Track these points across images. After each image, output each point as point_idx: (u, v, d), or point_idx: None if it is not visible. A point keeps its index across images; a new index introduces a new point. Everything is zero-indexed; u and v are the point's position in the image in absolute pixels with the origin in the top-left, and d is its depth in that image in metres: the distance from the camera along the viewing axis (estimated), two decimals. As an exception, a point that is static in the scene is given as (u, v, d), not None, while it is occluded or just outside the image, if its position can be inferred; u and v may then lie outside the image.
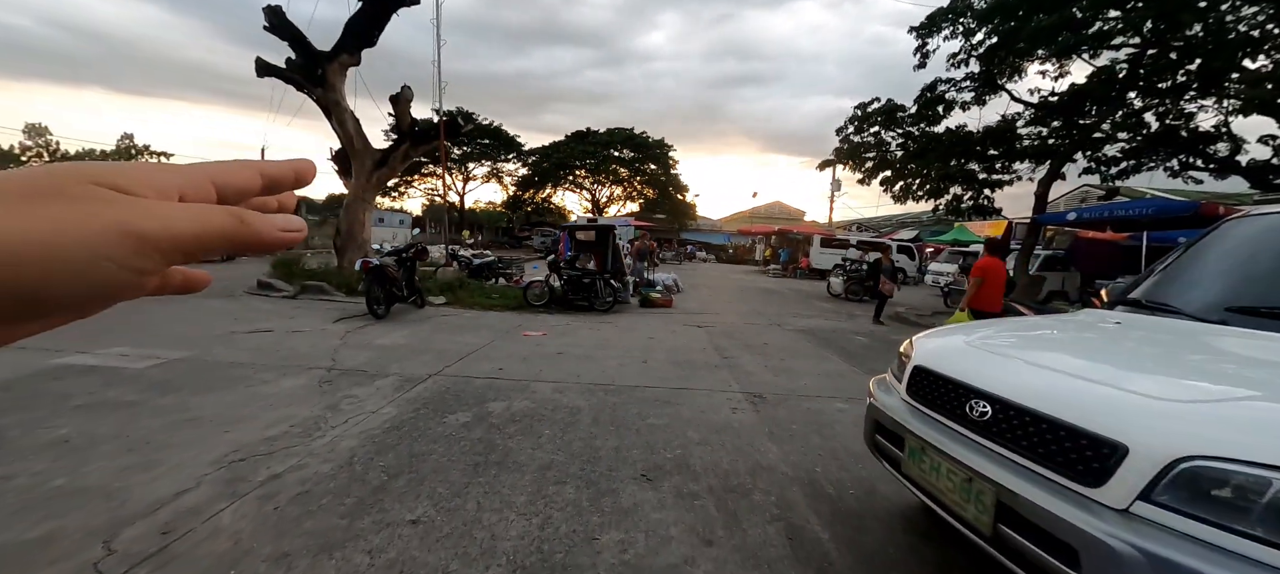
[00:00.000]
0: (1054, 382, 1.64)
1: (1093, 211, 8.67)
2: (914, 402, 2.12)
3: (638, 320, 9.09)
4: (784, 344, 7.39)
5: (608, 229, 10.45)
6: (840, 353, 6.96)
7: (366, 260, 7.71)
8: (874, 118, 14.72)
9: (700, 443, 3.52)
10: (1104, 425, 1.40)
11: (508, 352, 6.01)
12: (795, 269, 25.27)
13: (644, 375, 5.21)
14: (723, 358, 6.23)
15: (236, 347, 5.58)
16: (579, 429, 3.66)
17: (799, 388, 5.04)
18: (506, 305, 9.83)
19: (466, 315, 8.68)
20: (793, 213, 52.71)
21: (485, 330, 7.34)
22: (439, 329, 7.27)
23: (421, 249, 9.04)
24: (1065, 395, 1.55)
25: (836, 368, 6.06)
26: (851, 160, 15.10)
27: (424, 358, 5.49)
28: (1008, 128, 11.30)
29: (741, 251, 40.10)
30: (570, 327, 8.02)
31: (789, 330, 8.72)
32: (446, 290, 10.46)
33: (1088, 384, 1.57)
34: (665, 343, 7.01)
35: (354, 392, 4.25)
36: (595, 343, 6.80)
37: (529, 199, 47.45)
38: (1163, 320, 2.11)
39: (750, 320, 9.70)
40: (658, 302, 11.11)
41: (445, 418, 3.74)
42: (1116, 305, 2.55)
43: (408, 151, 11.21)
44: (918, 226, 39.47)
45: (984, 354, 2.02)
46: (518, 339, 6.84)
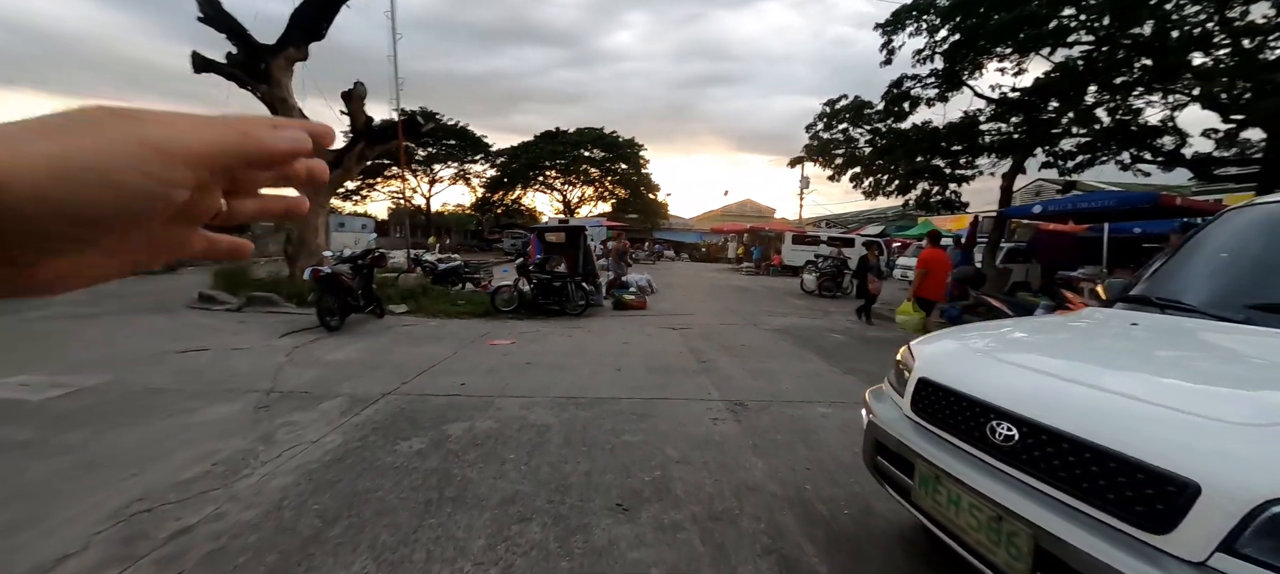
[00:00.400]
0: (1092, 401, 1.41)
1: (1057, 204, 8.85)
2: (921, 420, 1.88)
3: (611, 324, 8.78)
4: (761, 345, 7.20)
5: (578, 230, 10.08)
6: (818, 352, 6.81)
7: (317, 269, 7.15)
8: (842, 114, 14.80)
9: (680, 461, 3.24)
10: (1165, 457, 1.17)
11: (472, 363, 5.61)
12: (768, 266, 25.38)
13: (618, 385, 4.91)
14: (700, 362, 5.98)
15: (164, 369, 5.02)
16: (547, 451, 3.32)
17: (780, 392, 4.82)
18: (473, 312, 9.37)
19: (430, 324, 8.20)
20: (764, 210, 53.25)
21: (449, 340, 6.90)
22: (398, 340, 6.79)
23: (379, 255, 8.50)
24: (1110, 418, 1.33)
25: (816, 368, 5.89)
26: (821, 157, 15.15)
27: (379, 374, 5.04)
28: (971, 123, 11.48)
29: (714, 250, 40.22)
30: (541, 333, 7.64)
31: (765, 330, 8.56)
32: (408, 298, 9.91)
33: (1133, 403, 1.35)
34: (640, 348, 6.72)
35: (294, 418, 3.80)
36: (567, 350, 6.46)
37: (498, 201, 46.47)
38: (1183, 321, 1.93)
39: (726, 320, 9.51)
40: (632, 304, 10.81)
41: (397, 445, 3.35)
42: (1118, 303, 2.39)
43: (364, 152, 10.58)
44: (884, 222, 40.35)
45: (999, 365, 1.80)
46: (484, 349, 6.44)
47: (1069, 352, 1.87)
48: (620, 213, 44.42)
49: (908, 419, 1.96)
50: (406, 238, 11.06)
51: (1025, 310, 7.61)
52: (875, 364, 6.17)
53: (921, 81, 12.63)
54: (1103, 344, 1.88)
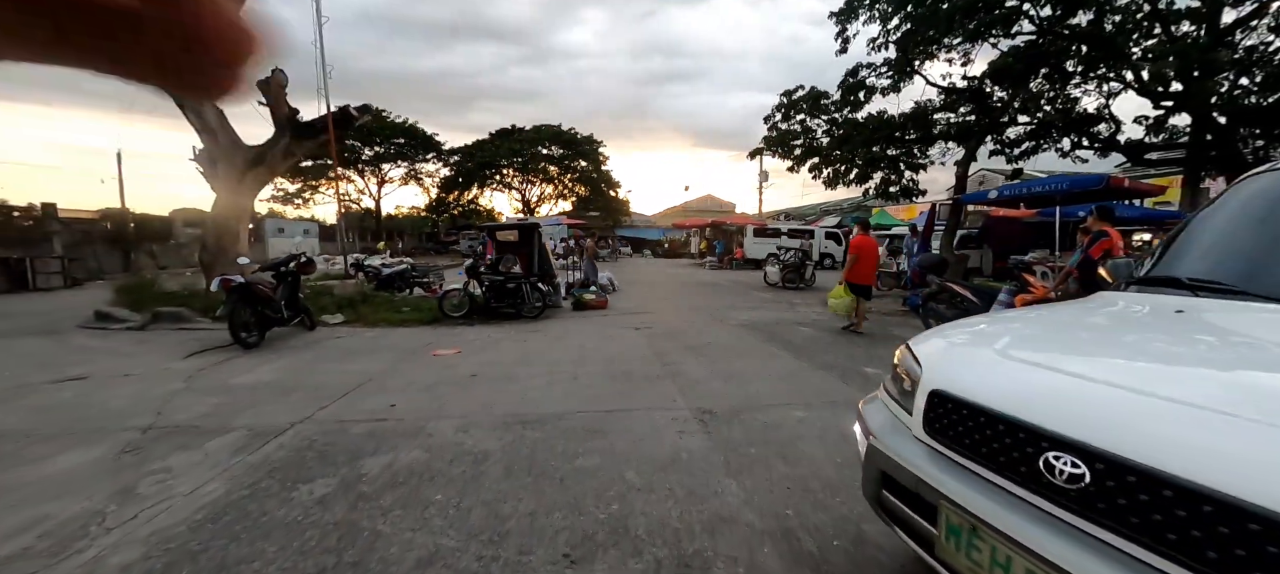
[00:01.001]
0: (1189, 424, 1.02)
1: (1011, 189, 8.95)
2: (941, 446, 1.47)
3: (570, 326, 8.23)
4: (728, 343, 6.83)
5: (532, 227, 9.45)
6: (787, 347, 6.49)
7: (227, 277, 6.26)
8: (799, 105, 14.71)
9: (643, 489, 2.77)
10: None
11: (408, 379, 4.96)
12: (731, 260, 25.33)
13: (573, 396, 4.39)
14: (664, 365, 5.53)
15: (20, 406, 4.15)
16: (483, 488, 2.78)
17: (752, 397, 4.43)
18: (420, 320, 8.62)
19: (367, 336, 7.42)
20: (724, 205, 53.63)
21: (386, 353, 6.18)
22: (325, 356, 6.02)
23: (305, 261, 7.63)
24: (1230, 454, 0.93)
25: (787, 366, 5.54)
26: (780, 148, 15.04)
27: (293, 398, 4.34)
28: (925, 112, 11.55)
29: (676, 245, 40.07)
30: (491, 340, 7.01)
31: (731, 326, 8.21)
32: (346, 307, 9.04)
33: (1256, 429, 0.96)
34: (600, 352, 6.22)
35: (169, 462, 3.10)
36: (518, 358, 5.88)
37: (454, 202, 44.77)
38: (1233, 304, 1.59)
39: (691, 317, 9.13)
40: (592, 304, 10.28)
41: (295, 491, 2.73)
42: (1133, 285, 2.07)
43: (290, 147, 9.58)
44: (841, 213, 41.26)
45: (1034, 371, 1.40)
46: (424, 361, 5.78)
47: (1122, 351, 1.50)
48: (581, 211, 43.67)
49: (921, 444, 1.55)
50: (344, 241, 10.08)
51: (988, 296, 7.56)
52: (847, 358, 5.88)
53: (876, 70, 12.65)
54: (1159, 340, 1.52)
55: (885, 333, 7.70)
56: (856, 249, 7.36)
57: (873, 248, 7.49)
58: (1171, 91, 11.89)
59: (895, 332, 7.81)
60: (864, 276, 7.36)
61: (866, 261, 7.34)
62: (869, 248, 7.40)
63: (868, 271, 7.40)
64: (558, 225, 31.92)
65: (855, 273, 7.34)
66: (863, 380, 4.92)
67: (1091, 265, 4.92)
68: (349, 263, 11.96)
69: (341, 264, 10.18)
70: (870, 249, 7.42)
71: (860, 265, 7.32)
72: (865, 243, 7.40)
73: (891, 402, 1.83)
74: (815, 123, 14.28)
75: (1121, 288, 2.13)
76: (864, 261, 7.32)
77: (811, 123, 14.74)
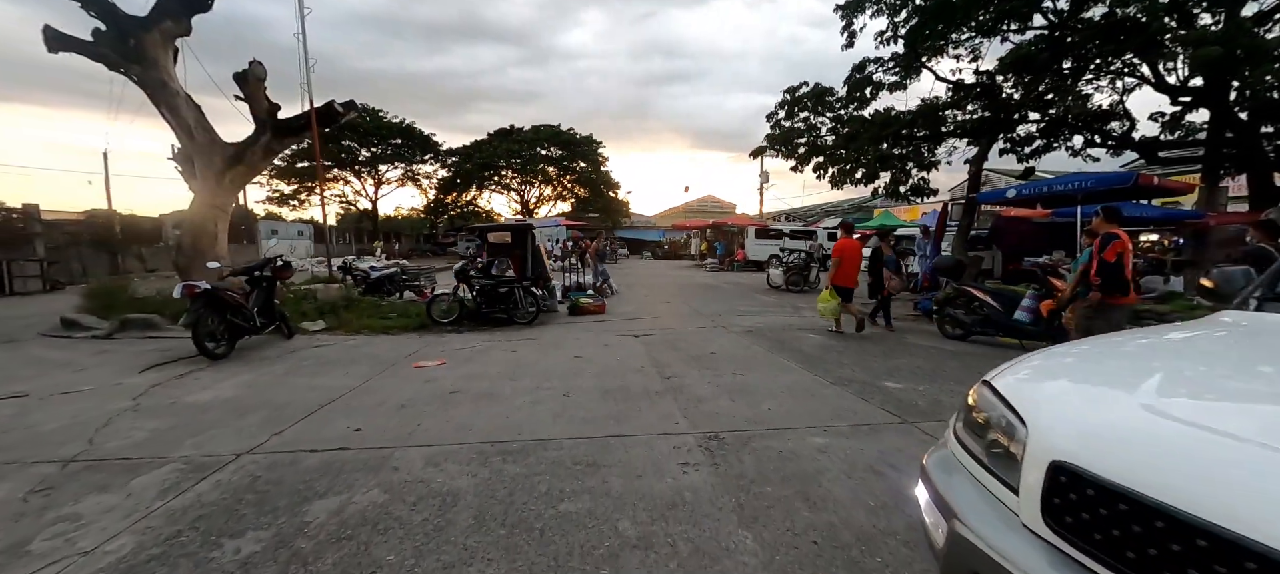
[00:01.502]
0: None
1: (1031, 187, 8.46)
2: (1075, 550, 0.99)
3: (565, 333, 7.75)
4: (733, 352, 6.35)
5: (525, 229, 8.97)
6: (797, 358, 6.01)
7: (191, 284, 5.79)
8: (803, 102, 14.25)
9: (639, 545, 2.29)
10: None
11: (382, 397, 4.49)
12: (732, 262, 24.87)
13: (563, 418, 3.92)
14: (665, 379, 5.06)
15: (-64, 431, 3.67)
16: (448, 542, 2.31)
17: (763, 417, 3.96)
18: (407, 326, 8.15)
19: (348, 344, 6.95)
20: (725, 206, 53.19)
21: (364, 364, 5.71)
22: (298, 369, 5.55)
23: (282, 264, 7.15)
24: None
25: (799, 380, 5.07)
26: (784, 146, 14.55)
27: (248, 421, 3.86)
28: (936, 107, 11.07)
29: (676, 247, 39.61)
30: (480, 349, 6.54)
31: (735, 332, 7.74)
32: (329, 313, 8.57)
33: None
34: (595, 363, 5.74)
35: (81, 506, 2.62)
36: (506, 370, 5.40)
37: (452, 203, 44.31)
38: None
39: (692, 323, 8.65)
40: (589, 308, 9.82)
41: (216, 550, 2.25)
42: (1263, 304, 1.60)
43: (270, 145, 9.11)
44: (841, 214, 40.82)
45: (1239, 449, 0.92)
46: (404, 374, 5.30)
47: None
48: (581, 212, 43.21)
49: (1036, 539, 1.07)
50: (329, 243, 9.61)
51: (1008, 301, 7.09)
52: (864, 370, 5.40)
53: (883, 65, 12.18)
54: None
55: (899, 341, 7.22)
56: (840, 252, 7.58)
57: (856, 250, 7.74)
58: (1191, 87, 11.44)
59: (910, 339, 7.33)
60: (848, 279, 7.56)
61: (849, 264, 7.55)
62: (852, 250, 7.63)
63: (852, 275, 7.60)
64: (556, 227, 31.53)
65: (839, 276, 7.54)
66: (883, 397, 4.45)
67: (1108, 269, 4.64)
68: (337, 266, 11.51)
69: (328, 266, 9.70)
70: (853, 252, 7.64)
71: (843, 269, 7.53)
72: (848, 246, 7.65)
73: (974, 463, 1.35)
74: (820, 120, 13.80)
75: (1246, 306, 1.66)
76: (847, 264, 7.53)
77: (816, 120, 14.27)
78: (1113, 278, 4.63)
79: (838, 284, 7.52)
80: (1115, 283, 4.64)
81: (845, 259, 7.54)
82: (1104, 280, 4.65)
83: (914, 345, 6.88)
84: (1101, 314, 4.68)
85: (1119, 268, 4.61)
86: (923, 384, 4.88)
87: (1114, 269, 4.61)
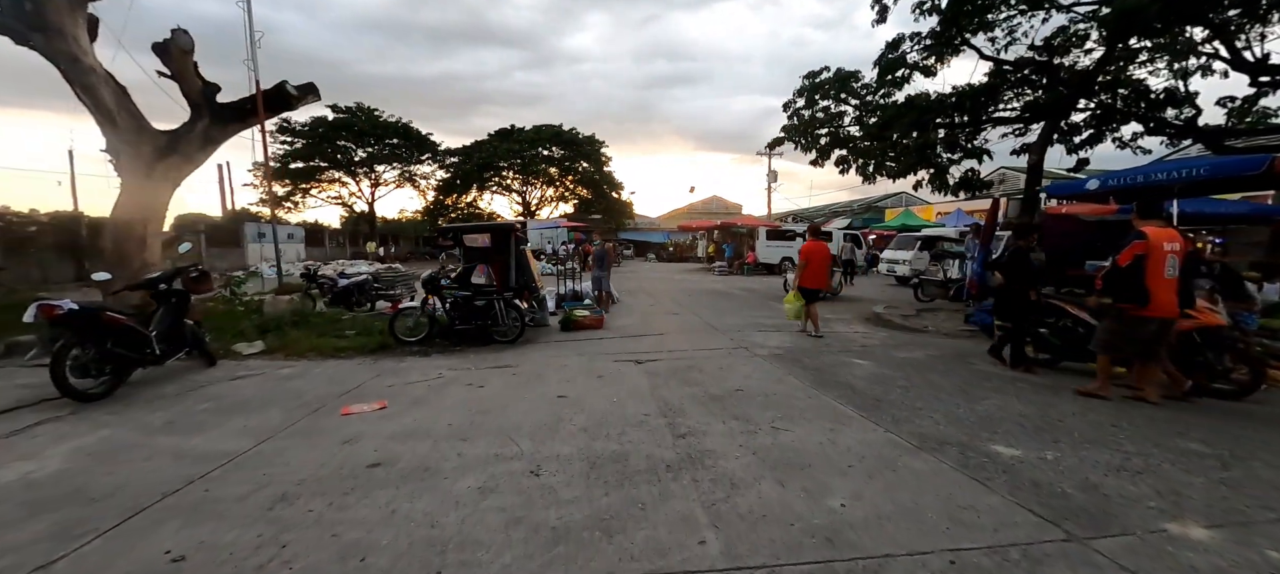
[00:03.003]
0: None
1: (1124, 176, 6.94)
2: None
3: (552, 357, 6.33)
4: (764, 387, 4.90)
5: (507, 230, 7.54)
6: (852, 397, 4.56)
7: (50, 303, 4.40)
8: (825, 88, 12.79)
9: None
10: None
11: (262, 477, 3.07)
12: (742, 265, 23.41)
13: (521, 528, 2.48)
14: (678, 437, 3.62)
15: None
16: None
17: (838, 527, 2.50)
18: (364, 346, 6.79)
19: (279, 375, 5.56)
20: (731, 207, 51.73)
21: (279, 409, 4.31)
22: (184, 418, 4.15)
23: (197, 274, 5.76)
24: None
25: (869, 441, 3.61)
26: (803, 138, 13.10)
27: (31, 528, 2.46)
28: (986, 89, 9.58)
29: (682, 249, 38.12)
30: (440, 382, 5.13)
31: (761, 356, 6.29)
32: (275, 331, 7.19)
33: None
34: (584, 407, 4.31)
35: None
36: (461, 421, 3.98)
37: (451, 204, 43.02)
38: None
39: (706, 341, 7.20)
40: (585, 322, 8.40)
41: None
42: None
43: (210, 132, 7.75)
44: (850, 214, 39.23)
45: None
46: (323, 428, 3.90)
47: None
48: (583, 213, 41.89)
49: None
50: (278, 247, 8.23)
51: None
52: (950, 420, 3.93)
53: (920, 42, 10.71)
54: None
55: (964, 365, 5.75)
56: (806, 255, 7.60)
57: (823, 253, 7.81)
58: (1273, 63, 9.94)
59: (979, 365, 5.86)
60: (816, 281, 7.62)
61: (816, 266, 7.60)
62: (819, 253, 7.68)
63: (819, 276, 7.69)
64: (557, 228, 30.15)
65: (807, 278, 7.54)
66: (1007, 477, 2.99)
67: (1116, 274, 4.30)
68: (300, 272, 10.17)
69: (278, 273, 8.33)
70: (820, 254, 7.70)
71: (810, 270, 7.54)
72: (816, 248, 7.69)
73: None
74: (844, 107, 12.34)
75: None
76: (814, 266, 7.57)
77: (838, 108, 12.82)
78: (1122, 284, 4.26)
79: (805, 286, 7.54)
80: (1127, 289, 4.26)
81: (812, 261, 7.55)
82: (1110, 285, 4.35)
83: (990, 374, 5.40)
84: (1125, 327, 4.29)
85: (1131, 272, 4.20)
86: (1048, 448, 3.41)
87: (1124, 274, 4.24)
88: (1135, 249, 4.21)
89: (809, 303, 7.58)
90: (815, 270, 7.56)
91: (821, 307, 11.42)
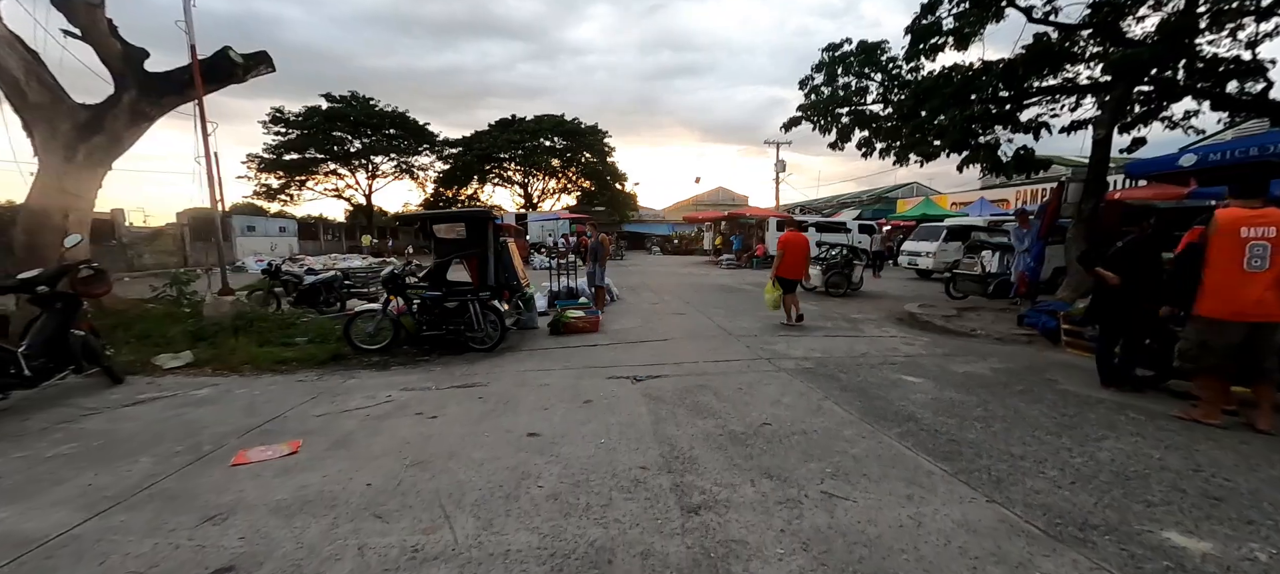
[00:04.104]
0: None
1: (1229, 149, 5.64)
2: None
3: (531, 371, 5.22)
4: (801, 421, 3.76)
5: (483, 220, 6.36)
6: (917, 437, 3.41)
7: None
8: (847, 61, 11.50)
9: None
10: None
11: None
12: (750, 258, 22.20)
13: None
14: (687, 512, 2.49)
15: None
16: None
17: None
18: (314, 357, 5.73)
19: (192, 397, 4.49)
20: (737, 198, 50.39)
21: (158, 452, 3.23)
22: (21, 466, 3.07)
23: (90, 273, 4.68)
24: None
25: (965, 514, 2.46)
26: (822, 118, 11.82)
27: None
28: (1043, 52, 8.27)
29: (687, 241, 36.86)
30: (382, 413, 4.02)
31: (789, 371, 5.14)
32: (210, 338, 6.13)
33: None
34: (559, 455, 3.19)
35: None
36: (385, 480, 2.87)
37: (452, 197, 41.94)
38: None
39: (719, 350, 6.06)
40: (578, 325, 7.29)
41: None
42: None
43: (139, 106, 6.67)
44: (858, 206, 37.80)
45: None
46: (199, 484, 2.81)
47: None
48: (587, 205, 40.73)
49: None
50: (220, 240, 7.15)
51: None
52: (1070, 477, 2.75)
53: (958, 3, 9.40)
54: None
55: (1052, 388, 4.58)
56: (784, 245, 7.67)
57: (801, 243, 7.86)
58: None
59: (1061, 381, 4.68)
60: (793, 271, 7.72)
61: (794, 256, 7.66)
62: (796, 243, 7.74)
63: (796, 267, 7.75)
64: (556, 220, 28.99)
65: (784, 268, 7.63)
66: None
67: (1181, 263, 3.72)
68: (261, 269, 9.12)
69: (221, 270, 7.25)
70: (797, 244, 7.75)
71: (788, 260, 7.62)
72: (793, 238, 7.78)
73: None
74: (867, 83, 11.05)
75: None
76: (791, 256, 7.63)
77: (861, 84, 11.53)
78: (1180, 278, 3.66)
79: (783, 275, 7.63)
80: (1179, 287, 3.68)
81: (789, 251, 7.60)
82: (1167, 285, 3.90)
83: (1089, 399, 4.23)
84: (1204, 334, 3.49)
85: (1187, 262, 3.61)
86: (1244, 535, 2.26)
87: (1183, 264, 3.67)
88: (1188, 238, 3.73)
89: (786, 292, 7.69)
90: (792, 261, 7.64)
91: (848, 305, 10.27)
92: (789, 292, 7.73)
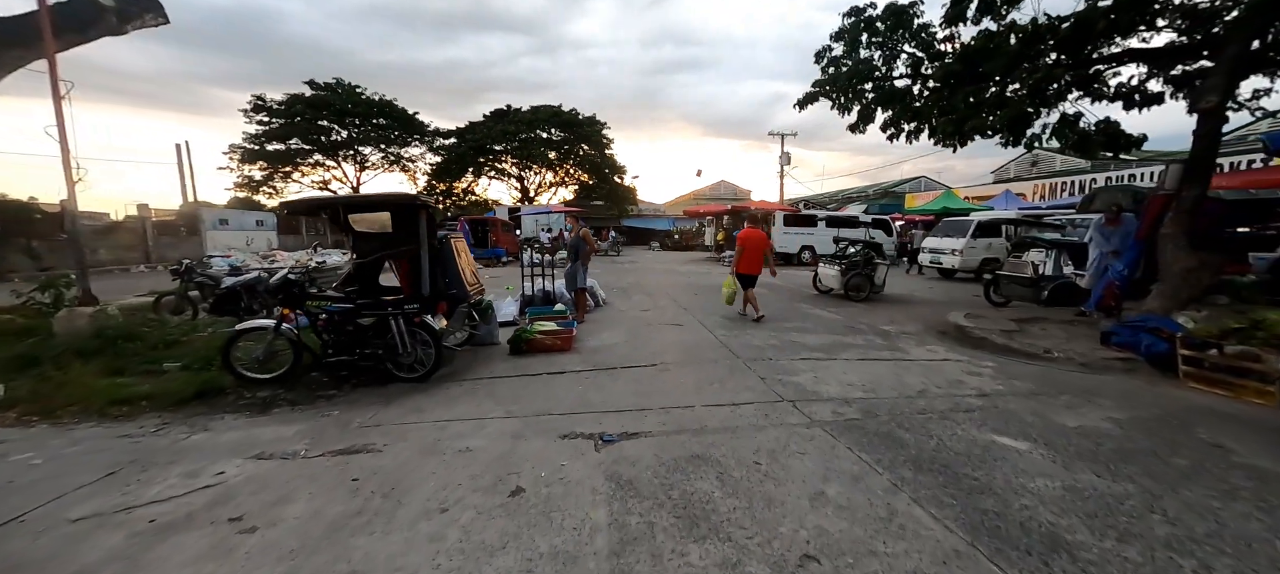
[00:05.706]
0: None
1: None
2: None
3: (453, 424, 3.66)
4: (867, 542, 2.21)
5: (414, 210, 4.74)
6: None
7: None
8: (873, 27, 9.88)
9: None
10: None
11: None
12: (755, 255, 20.58)
13: None
14: None
15: None
16: None
17: None
18: (183, 389, 4.22)
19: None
20: (740, 192, 48.73)
21: None
22: None
23: None
24: None
25: None
26: (843, 94, 10.22)
27: None
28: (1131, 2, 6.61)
29: (687, 237, 35.21)
30: (189, 505, 2.48)
31: (824, 424, 3.58)
32: (49, 361, 4.61)
33: None
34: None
35: None
36: None
37: (446, 191, 40.35)
38: None
39: (723, 389, 4.48)
40: (544, 343, 5.75)
41: None
42: None
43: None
44: (865, 201, 36.07)
45: None
46: None
47: None
48: (585, 199, 39.11)
49: None
50: (78, 236, 5.62)
51: None
52: None
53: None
54: None
55: (1218, 455, 3.03)
56: (744, 241, 7.77)
57: (761, 239, 7.90)
58: None
59: (1225, 439, 3.13)
60: (751, 267, 7.74)
61: (752, 252, 7.72)
62: (755, 239, 7.80)
63: (755, 262, 7.75)
64: (548, 214, 27.39)
65: (743, 264, 7.71)
66: None
67: None
68: (170, 268, 7.61)
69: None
70: (756, 240, 7.80)
71: (747, 256, 7.70)
72: (753, 235, 7.86)
73: None
74: (902, 47, 9.43)
75: None
76: (750, 252, 7.71)
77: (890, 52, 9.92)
78: None
79: (742, 271, 7.71)
80: None
81: (748, 248, 7.70)
82: None
83: (1265, 470, 2.69)
84: None
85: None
86: None
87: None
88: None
89: (745, 288, 7.76)
90: (751, 256, 7.72)
91: (875, 312, 8.68)
92: (748, 287, 7.78)
